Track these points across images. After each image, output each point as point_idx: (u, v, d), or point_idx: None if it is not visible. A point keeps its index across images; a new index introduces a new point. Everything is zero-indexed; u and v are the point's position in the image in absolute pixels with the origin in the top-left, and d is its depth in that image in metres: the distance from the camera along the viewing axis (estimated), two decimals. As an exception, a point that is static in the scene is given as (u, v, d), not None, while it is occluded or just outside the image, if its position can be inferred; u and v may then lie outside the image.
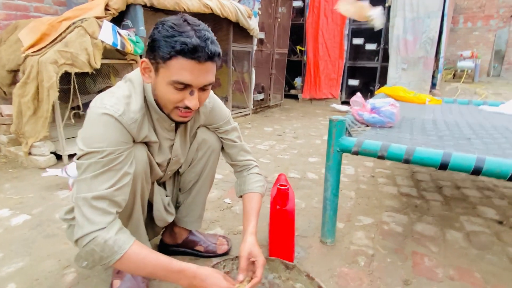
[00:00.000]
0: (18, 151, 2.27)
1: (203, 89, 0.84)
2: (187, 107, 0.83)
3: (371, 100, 1.47)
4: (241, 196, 1.14)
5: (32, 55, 2.13)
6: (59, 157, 2.26)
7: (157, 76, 0.81)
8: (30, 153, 2.19)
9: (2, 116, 2.40)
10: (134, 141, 0.89)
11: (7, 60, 2.31)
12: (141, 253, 0.80)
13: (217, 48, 0.80)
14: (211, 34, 0.80)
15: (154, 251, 0.83)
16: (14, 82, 2.32)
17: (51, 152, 2.23)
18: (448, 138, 1.31)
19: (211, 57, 0.78)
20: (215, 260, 1.03)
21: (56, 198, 1.75)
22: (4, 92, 2.42)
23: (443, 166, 1.05)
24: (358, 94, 1.48)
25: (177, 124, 0.99)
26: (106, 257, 0.77)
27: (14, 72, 2.32)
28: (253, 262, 0.92)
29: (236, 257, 1.04)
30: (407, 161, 1.09)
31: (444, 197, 1.86)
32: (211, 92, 1.09)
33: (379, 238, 1.42)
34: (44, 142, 2.19)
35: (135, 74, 0.91)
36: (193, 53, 0.76)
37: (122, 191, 0.83)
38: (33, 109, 2.13)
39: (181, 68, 0.77)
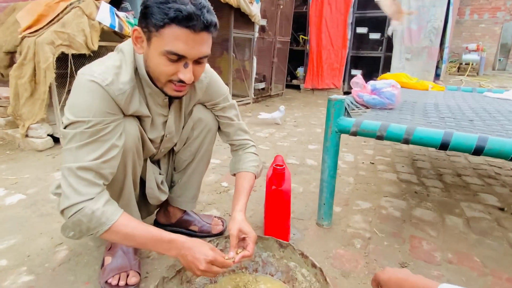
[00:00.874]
0: (15, 133, 2.26)
1: (198, 62, 0.80)
2: (181, 81, 0.80)
3: (372, 82, 1.43)
4: (234, 175, 1.12)
5: (29, 36, 2.09)
6: (56, 139, 2.25)
7: (150, 46, 0.78)
8: (27, 135, 2.17)
9: (0, 99, 2.38)
10: (124, 114, 0.86)
11: (4, 41, 2.28)
12: (130, 224, 0.78)
13: (214, 18, 0.77)
14: (207, 3, 0.76)
15: (143, 222, 0.82)
16: (11, 64, 2.29)
17: (48, 135, 2.21)
18: (450, 120, 1.27)
19: (207, 26, 0.75)
20: (209, 239, 1.01)
21: (52, 179, 1.73)
22: (2, 74, 2.40)
23: (444, 146, 1.02)
24: (359, 75, 1.44)
25: (171, 100, 0.96)
26: (93, 228, 0.76)
27: (12, 54, 2.29)
28: (244, 239, 0.90)
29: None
30: (406, 141, 1.06)
31: (444, 184, 1.83)
32: (208, 66, 1.06)
33: (376, 222, 1.40)
34: (41, 124, 2.17)
35: (127, 45, 0.87)
36: (188, 21, 0.72)
37: (110, 164, 0.81)
38: (30, 91, 2.10)
39: (174, 38, 0.73)
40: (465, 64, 8.32)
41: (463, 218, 1.46)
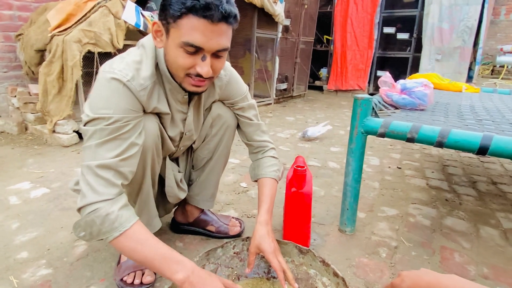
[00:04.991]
0: (43, 129, 2.33)
1: (217, 55, 0.77)
2: (198, 75, 0.77)
3: (401, 81, 1.35)
4: (256, 181, 1.08)
5: (58, 35, 2.16)
6: (81, 136, 2.30)
7: (168, 39, 0.75)
8: (54, 131, 2.24)
9: (30, 95, 2.47)
10: (144, 111, 0.85)
11: (35, 40, 2.36)
12: (142, 235, 0.74)
13: (233, 9, 0.73)
14: None
15: (155, 236, 0.76)
16: (41, 61, 2.36)
17: (74, 131, 2.26)
18: (488, 123, 1.17)
19: (225, 17, 0.71)
20: (225, 240, 0.98)
21: (76, 174, 1.77)
22: (32, 72, 2.49)
23: (482, 151, 0.93)
24: (387, 73, 1.36)
25: (190, 96, 0.93)
26: (104, 232, 0.72)
27: (42, 52, 2.37)
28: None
29: (248, 237, 0.99)
30: (440, 145, 0.98)
31: (478, 192, 1.70)
32: (228, 64, 1.03)
33: (403, 230, 1.31)
34: (68, 120, 2.23)
35: (148, 40, 0.85)
36: (205, 11, 0.69)
37: (129, 162, 0.78)
38: (58, 88, 2.16)
39: (192, 28, 0.70)
40: (500, 66, 7.87)
41: (500, 230, 1.35)
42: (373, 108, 1.17)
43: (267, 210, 0.97)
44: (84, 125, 0.76)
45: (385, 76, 1.35)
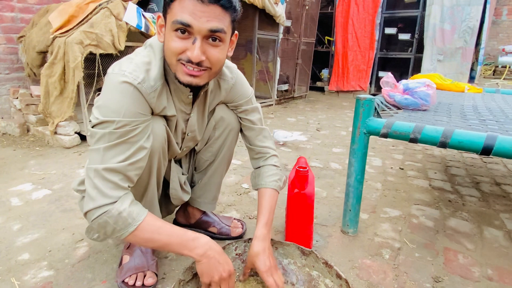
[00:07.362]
0: (45, 130, 2.33)
1: (211, 43, 0.74)
2: (190, 61, 0.74)
3: (404, 81, 1.34)
4: (257, 189, 1.07)
5: (60, 36, 2.16)
6: (83, 137, 2.30)
7: (166, 28, 0.75)
8: (55, 133, 2.24)
9: (32, 97, 2.48)
10: (152, 113, 0.84)
11: (37, 42, 2.37)
12: (155, 224, 0.77)
13: None
14: None
15: (167, 222, 0.80)
16: (43, 63, 2.37)
17: (76, 132, 2.27)
18: (492, 123, 1.16)
19: None
20: (227, 242, 0.98)
21: (77, 175, 1.77)
22: (34, 73, 2.50)
23: (486, 151, 0.92)
24: (390, 74, 1.35)
25: (195, 97, 0.92)
26: (119, 229, 0.73)
27: (44, 54, 2.37)
28: None
29: (249, 239, 0.98)
30: (443, 145, 0.97)
31: (481, 193, 1.69)
32: (235, 67, 1.02)
33: (407, 232, 1.31)
34: (69, 122, 2.23)
35: (156, 39, 0.84)
36: None
37: (136, 166, 0.78)
38: (59, 89, 2.17)
39: (182, 8, 0.70)
40: (502, 67, 7.84)
41: (504, 231, 1.34)
42: (376, 109, 1.16)
43: (264, 224, 0.94)
44: (93, 127, 0.75)
45: (387, 76, 1.35)
